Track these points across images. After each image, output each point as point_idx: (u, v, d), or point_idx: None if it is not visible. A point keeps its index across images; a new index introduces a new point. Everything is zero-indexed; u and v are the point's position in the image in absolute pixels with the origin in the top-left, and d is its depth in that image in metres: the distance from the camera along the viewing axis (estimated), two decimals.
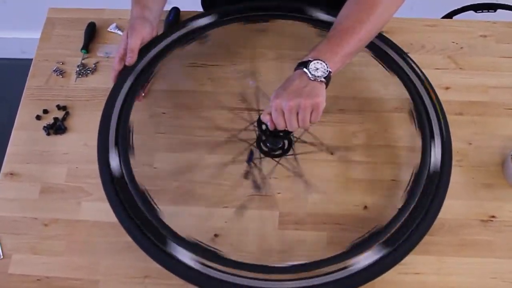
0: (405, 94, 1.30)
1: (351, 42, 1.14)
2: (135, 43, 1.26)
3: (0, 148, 1.40)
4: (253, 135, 1.31)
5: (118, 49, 1.28)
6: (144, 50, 1.30)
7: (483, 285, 1.17)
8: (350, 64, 1.30)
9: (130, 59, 1.27)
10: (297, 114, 1.10)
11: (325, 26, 1.35)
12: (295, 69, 1.13)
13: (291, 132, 1.20)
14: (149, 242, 1.12)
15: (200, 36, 1.39)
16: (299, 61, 1.13)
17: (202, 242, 1.15)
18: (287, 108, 1.09)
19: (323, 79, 1.10)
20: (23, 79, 1.45)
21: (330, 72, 1.10)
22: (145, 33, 1.27)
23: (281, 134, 1.21)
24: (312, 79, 1.09)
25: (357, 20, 1.16)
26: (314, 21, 1.38)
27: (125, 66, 1.28)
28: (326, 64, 1.10)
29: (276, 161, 1.28)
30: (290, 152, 1.29)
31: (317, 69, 1.10)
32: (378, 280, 1.10)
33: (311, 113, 1.10)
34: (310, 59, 1.11)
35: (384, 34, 1.36)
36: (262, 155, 1.29)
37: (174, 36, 1.36)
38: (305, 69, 1.10)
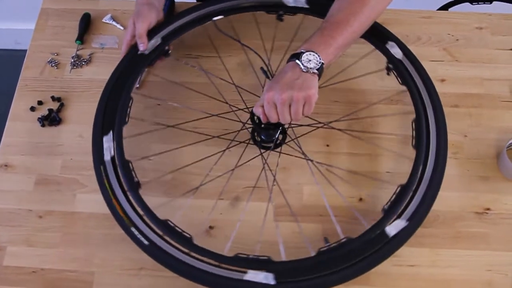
0: (400, 86, 1.29)
1: (344, 34, 1.13)
2: (143, 28, 1.28)
3: None
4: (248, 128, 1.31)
5: (126, 36, 1.30)
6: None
7: (478, 278, 1.17)
8: (344, 55, 1.30)
9: (143, 46, 1.30)
10: (290, 106, 1.10)
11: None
12: (288, 61, 1.12)
13: (284, 124, 1.20)
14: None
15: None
16: (292, 52, 1.12)
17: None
18: (279, 101, 1.08)
19: (315, 71, 1.09)
20: (17, 70, 1.44)
21: (322, 63, 1.10)
22: (151, 18, 1.30)
23: (274, 126, 1.20)
24: (305, 70, 1.09)
25: (350, 12, 1.15)
26: None
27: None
28: (318, 56, 1.09)
29: (277, 151, 1.28)
30: (288, 139, 1.29)
31: (310, 60, 1.09)
32: (373, 272, 1.10)
33: (303, 106, 1.10)
34: (302, 50, 1.10)
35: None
36: (254, 145, 1.28)
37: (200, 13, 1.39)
38: (297, 61, 1.09)
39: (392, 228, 1.12)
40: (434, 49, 1.44)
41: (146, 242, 1.12)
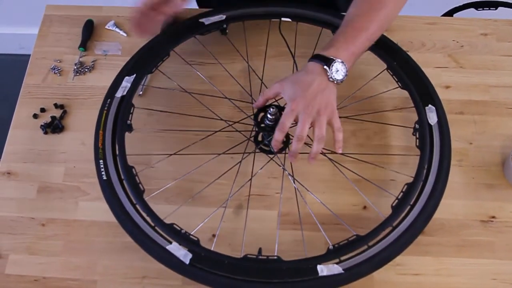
0: (405, 93, 1.28)
1: (366, 43, 1.13)
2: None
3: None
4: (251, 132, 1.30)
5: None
6: None
7: (482, 287, 1.16)
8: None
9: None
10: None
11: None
12: (311, 60, 1.11)
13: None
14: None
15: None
16: (319, 53, 1.11)
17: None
18: (303, 118, 1.07)
19: (339, 83, 1.09)
20: (21, 75, 1.44)
21: (347, 75, 1.09)
22: None
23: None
24: (331, 80, 1.08)
25: (369, 19, 1.14)
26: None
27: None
28: (346, 67, 1.08)
29: (269, 157, 1.27)
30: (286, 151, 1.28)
31: (338, 71, 1.08)
32: (376, 280, 1.10)
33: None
34: (333, 57, 1.08)
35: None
36: (257, 151, 1.27)
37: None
38: (326, 67, 1.08)
39: (325, 269, 1.08)
40: (439, 56, 1.44)
41: (104, 177, 1.17)
